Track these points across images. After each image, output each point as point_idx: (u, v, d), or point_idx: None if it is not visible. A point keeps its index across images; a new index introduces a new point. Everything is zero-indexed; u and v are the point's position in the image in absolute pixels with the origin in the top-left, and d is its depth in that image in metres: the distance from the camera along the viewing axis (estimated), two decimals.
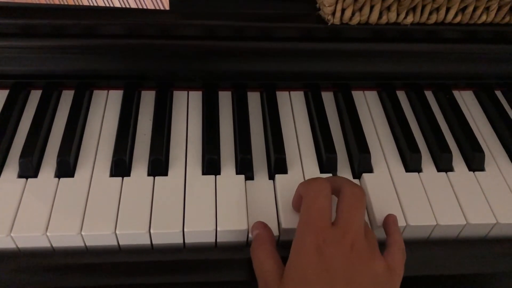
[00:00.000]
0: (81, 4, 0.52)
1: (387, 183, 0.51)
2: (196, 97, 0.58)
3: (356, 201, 0.41)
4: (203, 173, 0.50)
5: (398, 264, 0.42)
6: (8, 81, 0.56)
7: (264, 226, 0.45)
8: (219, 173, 0.50)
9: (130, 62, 0.56)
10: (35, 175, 0.48)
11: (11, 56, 0.54)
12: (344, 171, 0.52)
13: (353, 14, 0.53)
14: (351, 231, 0.40)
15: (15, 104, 0.54)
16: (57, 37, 0.54)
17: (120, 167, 0.49)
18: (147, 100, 0.57)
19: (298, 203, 0.45)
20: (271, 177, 0.50)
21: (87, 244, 0.45)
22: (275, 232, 0.45)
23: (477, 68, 0.60)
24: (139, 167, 0.50)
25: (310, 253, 0.38)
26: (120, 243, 0.46)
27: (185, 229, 0.45)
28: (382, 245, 0.43)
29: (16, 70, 0.55)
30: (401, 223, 0.47)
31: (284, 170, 0.50)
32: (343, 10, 0.53)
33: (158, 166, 0.49)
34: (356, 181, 0.51)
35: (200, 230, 0.45)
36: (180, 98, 0.58)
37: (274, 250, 0.43)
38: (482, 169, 0.53)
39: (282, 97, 0.59)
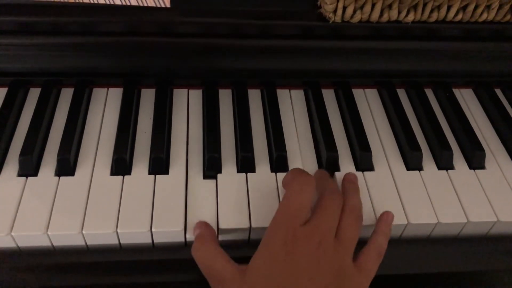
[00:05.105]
0: (81, 1, 0.52)
1: (388, 181, 0.51)
2: (196, 95, 0.58)
3: (332, 205, 0.43)
4: (204, 171, 0.50)
5: (370, 264, 0.43)
6: (7, 79, 0.56)
7: (206, 225, 0.45)
8: (220, 172, 0.50)
9: (130, 59, 0.56)
10: (35, 173, 0.48)
11: (10, 54, 0.54)
12: (345, 169, 0.52)
13: (354, 12, 0.53)
14: (320, 231, 0.41)
15: (14, 102, 0.54)
16: (57, 35, 0.53)
17: (121, 165, 0.49)
18: (147, 98, 0.57)
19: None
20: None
21: (88, 243, 0.45)
22: None
23: (477, 66, 0.60)
24: (140, 165, 0.50)
25: (278, 246, 0.39)
26: (121, 242, 0.45)
27: (186, 228, 0.45)
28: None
29: (15, 67, 0.55)
30: (402, 221, 0.47)
31: (285, 168, 0.50)
32: (344, 8, 0.53)
33: (159, 165, 0.49)
34: None
35: None
36: (180, 96, 0.58)
37: (219, 247, 0.42)
38: (482, 167, 0.53)
39: (283, 94, 0.59)
